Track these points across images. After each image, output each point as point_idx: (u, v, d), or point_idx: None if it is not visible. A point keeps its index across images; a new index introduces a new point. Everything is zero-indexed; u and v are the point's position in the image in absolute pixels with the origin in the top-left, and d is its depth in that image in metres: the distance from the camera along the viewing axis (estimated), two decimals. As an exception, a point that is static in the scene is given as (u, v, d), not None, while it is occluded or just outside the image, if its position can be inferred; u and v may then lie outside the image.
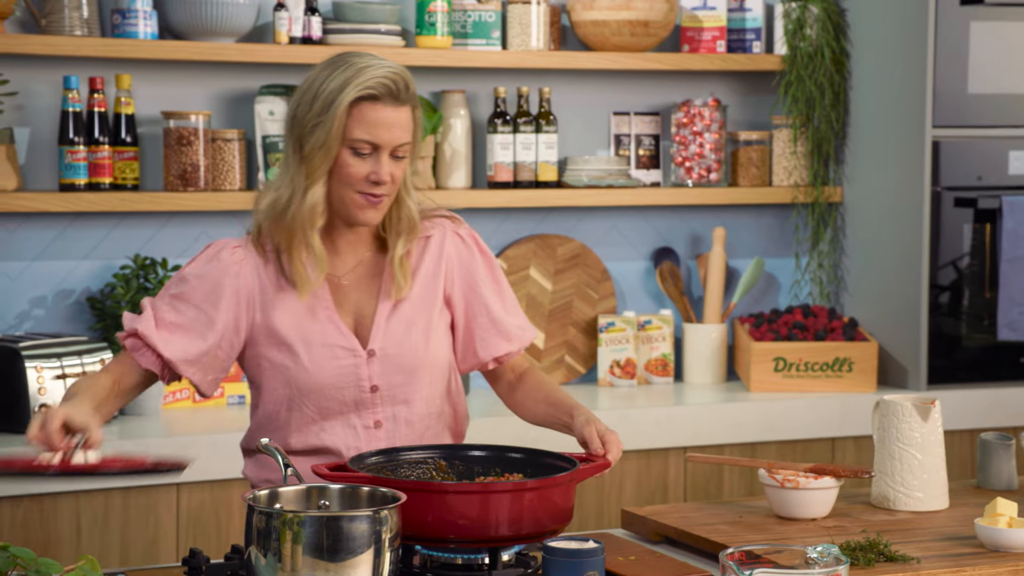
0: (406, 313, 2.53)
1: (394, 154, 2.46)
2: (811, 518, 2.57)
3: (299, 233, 2.47)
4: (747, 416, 3.95)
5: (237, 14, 3.74)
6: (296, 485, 2.15)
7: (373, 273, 2.54)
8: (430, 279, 2.56)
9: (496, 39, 4.03)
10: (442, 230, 2.60)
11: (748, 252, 4.41)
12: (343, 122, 2.42)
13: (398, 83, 2.45)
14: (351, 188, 2.45)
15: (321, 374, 2.47)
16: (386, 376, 2.50)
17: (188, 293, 2.50)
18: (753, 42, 4.30)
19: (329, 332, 2.48)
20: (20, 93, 3.69)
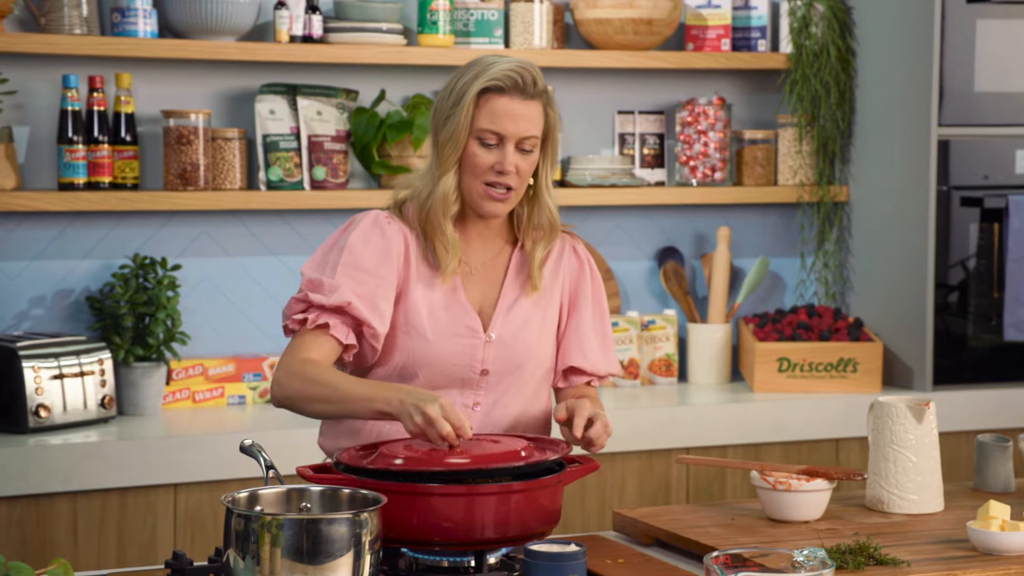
0: (525, 308, 2.60)
1: (520, 147, 2.52)
2: (803, 520, 2.55)
3: (435, 220, 2.54)
4: (751, 417, 3.92)
5: (237, 12, 3.72)
6: (277, 487, 2.13)
7: (501, 266, 2.62)
8: (548, 284, 2.64)
9: (499, 38, 4.01)
10: (562, 242, 2.68)
11: (753, 252, 4.38)
12: (470, 113, 2.51)
13: (525, 77, 2.53)
14: (478, 179, 2.52)
15: (441, 348, 2.53)
16: (498, 362, 2.57)
17: (361, 261, 2.52)
18: (758, 40, 4.27)
19: (456, 311, 2.56)
20: (19, 92, 3.69)
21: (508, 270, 2.62)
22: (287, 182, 3.85)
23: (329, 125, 3.89)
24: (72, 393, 3.50)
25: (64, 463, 3.32)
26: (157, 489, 3.41)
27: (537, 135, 2.55)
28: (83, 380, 3.52)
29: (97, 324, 3.69)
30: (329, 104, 3.90)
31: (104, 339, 3.66)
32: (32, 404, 3.44)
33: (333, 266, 2.52)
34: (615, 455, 3.79)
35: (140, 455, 3.39)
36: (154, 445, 3.41)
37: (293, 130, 3.86)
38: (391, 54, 3.88)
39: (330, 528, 1.96)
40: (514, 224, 2.64)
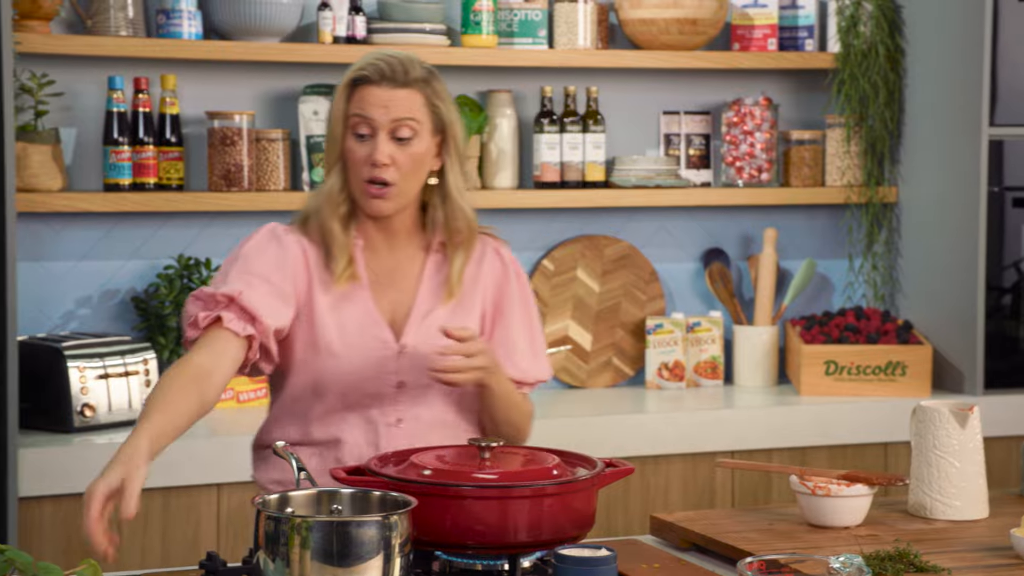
0: (441, 316, 2.51)
1: (395, 135, 2.44)
2: (843, 526, 2.51)
3: (324, 222, 2.48)
4: (797, 420, 3.88)
5: (281, 14, 3.73)
6: (308, 489, 2.13)
7: (413, 272, 2.53)
8: (467, 290, 2.55)
9: (543, 38, 4.00)
10: (484, 245, 2.59)
11: (800, 253, 4.34)
12: (342, 108, 2.46)
13: (394, 65, 2.46)
14: (357, 175, 2.46)
15: (351, 361, 2.46)
16: (414, 374, 2.48)
17: (255, 268, 2.44)
18: (806, 40, 4.23)
19: (364, 322, 2.48)
20: (66, 94, 3.71)
21: (423, 276, 2.54)
22: (331, 183, 3.85)
23: (373, 126, 3.88)
24: (117, 393, 3.52)
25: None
26: (200, 489, 3.42)
27: (413, 117, 2.45)
28: (128, 380, 3.54)
29: (142, 324, 3.71)
30: (373, 105, 3.89)
31: (149, 339, 3.68)
32: (77, 404, 3.45)
33: (227, 274, 2.44)
34: (659, 458, 3.77)
35: (183, 455, 3.39)
36: (197, 445, 3.41)
37: (337, 131, 3.86)
38: (434, 55, 3.87)
39: (360, 530, 1.95)
40: (428, 228, 2.55)
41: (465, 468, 2.23)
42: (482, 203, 3.90)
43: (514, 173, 4.03)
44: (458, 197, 2.52)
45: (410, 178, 2.47)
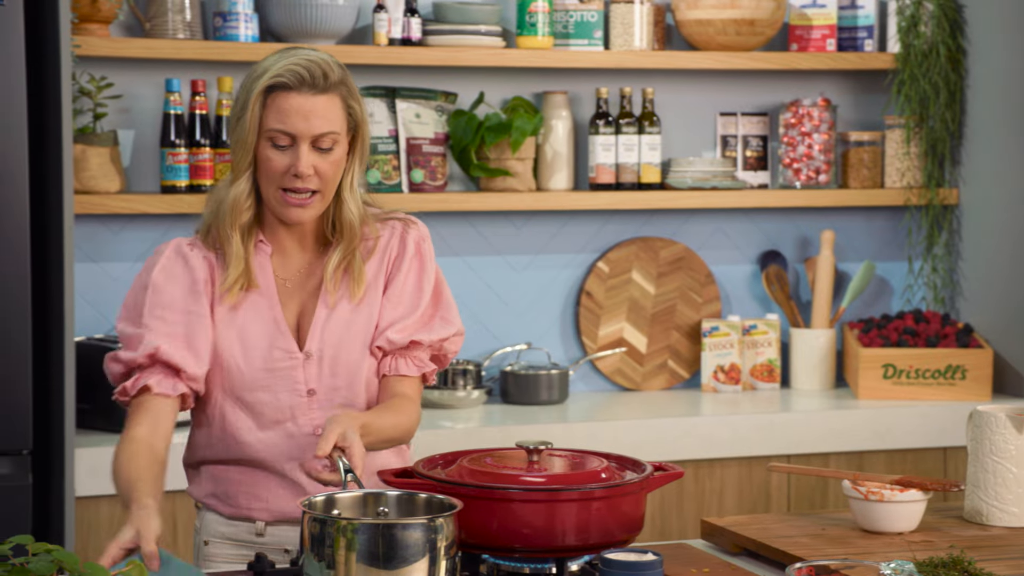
0: (345, 315, 2.41)
1: (317, 145, 2.34)
2: (897, 532, 2.48)
3: (223, 231, 2.38)
4: (854, 424, 3.84)
5: (337, 16, 3.74)
6: (354, 491, 2.13)
7: (319, 275, 2.43)
8: (371, 279, 2.43)
9: (598, 39, 3.98)
10: (391, 232, 2.47)
11: (858, 255, 4.30)
12: (257, 113, 2.33)
13: (313, 71, 2.33)
14: (274, 184, 2.35)
15: (254, 375, 2.37)
16: (323, 380, 2.39)
17: (167, 299, 2.38)
18: (865, 40, 4.19)
19: (269, 331, 2.38)
20: (124, 96, 3.74)
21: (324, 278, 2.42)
22: (385, 184, 3.85)
23: (428, 128, 3.89)
24: (172, 394, 3.53)
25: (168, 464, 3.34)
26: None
27: (334, 131, 2.34)
28: (183, 381, 3.55)
29: (198, 326, 3.72)
30: (428, 107, 3.90)
31: (204, 340, 3.69)
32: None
33: (140, 309, 2.37)
34: (713, 462, 3.74)
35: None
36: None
37: (392, 133, 3.87)
38: (490, 56, 3.86)
39: (405, 533, 1.95)
40: (329, 231, 2.43)
41: (513, 471, 2.22)
42: (536, 205, 3.92)
43: (569, 175, 4.02)
44: (348, 196, 2.41)
45: (331, 184, 2.37)
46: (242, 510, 2.45)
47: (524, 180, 3.94)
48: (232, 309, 2.39)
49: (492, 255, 4.05)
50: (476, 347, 4.02)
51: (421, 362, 2.45)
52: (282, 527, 2.44)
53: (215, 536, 2.49)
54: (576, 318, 4.11)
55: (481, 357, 4.00)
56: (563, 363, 4.07)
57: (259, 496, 2.43)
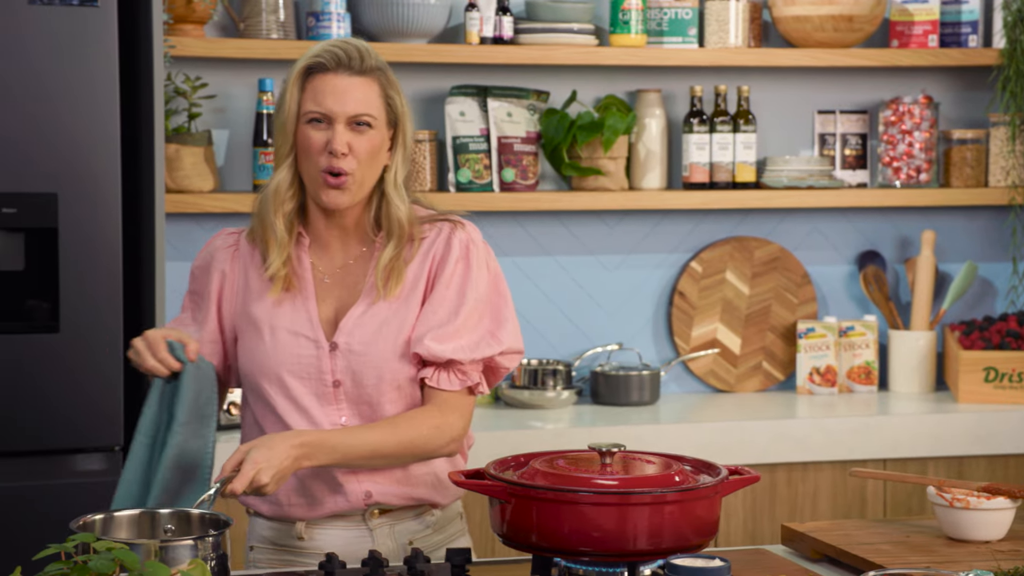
0: (381, 313, 2.41)
1: (352, 126, 2.36)
2: (983, 540, 2.41)
3: (266, 217, 2.42)
4: (953, 428, 3.76)
5: (429, 15, 3.74)
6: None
7: (359, 273, 2.44)
8: (411, 281, 2.43)
9: (693, 37, 3.94)
10: (437, 233, 2.46)
11: (960, 256, 4.21)
12: (296, 97, 2.38)
13: (350, 52, 2.37)
14: (313, 165, 2.37)
15: (281, 359, 2.39)
16: (350, 373, 2.40)
17: (197, 287, 2.52)
18: (969, 36, 4.10)
19: (298, 321, 2.41)
20: (218, 96, 3.77)
21: (367, 274, 2.43)
22: (476, 184, 3.85)
23: (519, 126, 3.87)
24: (262, 392, 3.56)
25: (252, 460, 3.37)
26: (342, 488, 3.44)
27: (370, 112, 2.37)
28: (273, 379, 3.57)
29: (289, 324, 3.74)
30: (519, 105, 3.88)
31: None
32: (224, 402, 3.50)
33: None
34: (807, 465, 3.68)
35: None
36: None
37: (483, 132, 3.86)
38: (582, 55, 3.84)
39: None
40: (375, 229, 2.45)
41: (585, 474, 2.19)
42: (629, 204, 3.89)
43: (662, 174, 3.98)
44: (392, 192, 2.42)
45: (366, 168, 2.38)
46: (282, 508, 2.45)
47: (616, 179, 3.91)
48: (266, 296, 2.43)
49: (584, 255, 4.02)
50: (567, 347, 4.00)
51: (465, 375, 2.43)
52: (320, 530, 2.44)
53: (258, 541, 2.50)
54: (668, 318, 4.07)
55: (572, 357, 3.98)
56: (655, 364, 4.03)
57: (294, 490, 2.43)
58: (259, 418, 2.46)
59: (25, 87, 3.08)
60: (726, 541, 3.63)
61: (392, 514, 2.45)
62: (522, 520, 2.15)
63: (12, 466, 3.12)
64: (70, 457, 3.17)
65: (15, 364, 3.11)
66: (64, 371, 3.13)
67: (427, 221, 2.47)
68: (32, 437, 3.12)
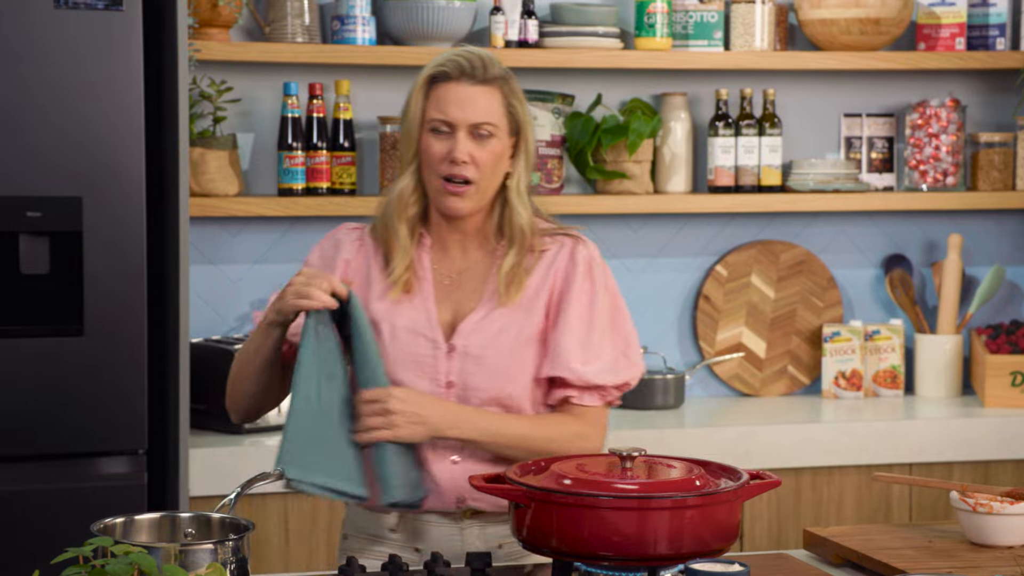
0: (500, 319, 2.44)
1: (474, 135, 2.40)
2: (1007, 545, 2.40)
3: (390, 222, 2.46)
4: (980, 433, 3.74)
5: (453, 18, 3.74)
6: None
7: (479, 278, 2.48)
8: (533, 292, 2.46)
9: (718, 40, 3.93)
10: (560, 247, 2.49)
11: (988, 260, 4.19)
12: (420, 105, 2.43)
13: (474, 62, 2.41)
14: (434, 173, 2.42)
15: (399, 356, 2.43)
16: (464, 375, 2.43)
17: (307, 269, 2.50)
18: (997, 39, 4.08)
19: (418, 320, 2.44)
20: (243, 100, 3.78)
21: (487, 279, 2.47)
22: (501, 187, 3.84)
23: (544, 130, 3.87)
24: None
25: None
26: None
27: (491, 121, 2.41)
28: (297, 382, 3.58)
29: (314, 327, 3.74)
30: (544, 109, 3.88)
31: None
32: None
33: None
34: (832, 469, 3.67)
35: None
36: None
37: (508, 135, 3.85)
38: (607, 58, 3.83)
39: None
40: (496, 236, 2.49)
41: (605, 478, 2.19)
42: (654, 207, 3.88)
43: (687, 177, 3.97)
44: (515, 200, 2.45)
45: (489, 176, 2.42)
46: None
47: (641, 183, 3.90)
48: (389, 299, 2.45)
49: (609, 258, 3.98)
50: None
51: (606, 394, 2.48)
52: (414, 524, 2.46)
53: (353, 531, 2.54)
54: (693, 322, 4.06)
55: (597, 361, 3.97)
56: (679, 368, 4.02)
57: None
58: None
59: (50, 91, 3.09)
60: (751, 546, 3.62)
61: (484, 516, 2.48)
62: (542, 524, 2.15)
63: (37, 469, 3.14)
64: (95, 460, 3.18)
65: (40, 367, 3.12)
66: (88, 374, 3.14)
67: (548, 234, 2.51)
68: (56, 440, 3.14)
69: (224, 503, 2.21)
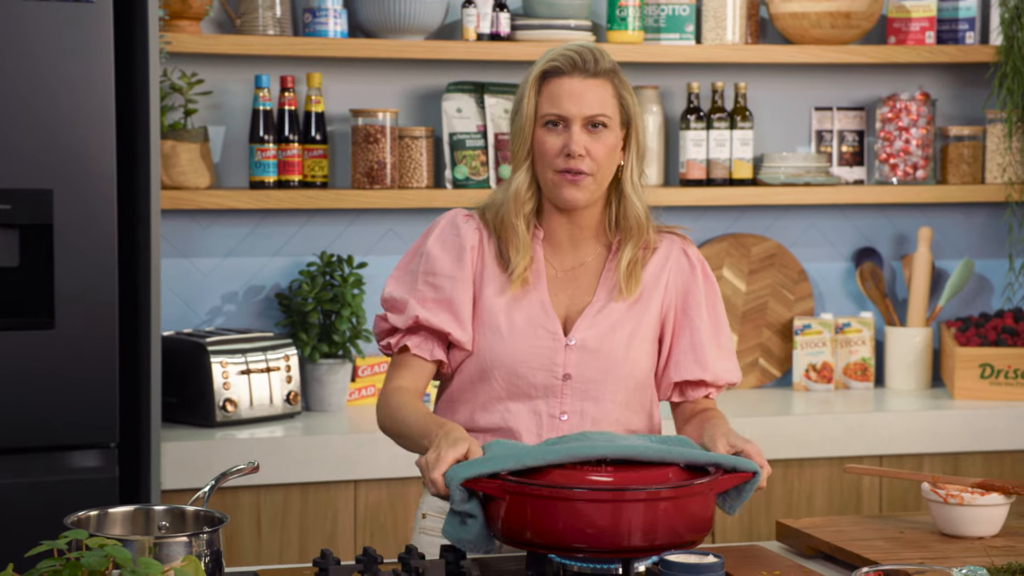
0: (616, 313, 2.47)
1: (588, 127, 2.41)
2: (977, 536, 2.42)
3: (508, 219, 2.46)
4: (949, 425, 3.76)
5: (425, 11, 3.73)
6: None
7: (593, 272, 2.50)
8: (648, 289, 2.49)
9: (690, 33, 3.94)
10: (670, 244, 2.53)
11: (957, 253, 4.21)
12: (533, 100, 2.43)
13: (585, 56, 2.42)
14: (550, 167, 2.42)
15: (517, 349, 2.43)
16: (581, 368, 2.44)
17: (436, 265, 2.48)
18: (966, 33, 4.10)
19: (535, 312, 2.45)
20: (214, 92, 3.77)
21: (602, 274, 2.49)
22: (473, 180, 3.84)
23: (516, 123, 3.86)
24: (258, 388, 3.56)
25: (249, 456, 3.37)
26: (337, 485, 3.44)
27: (605, 113, 2.42)
28: (269, 376, 3.58)
29: (285, 321, 3.74)
30: (516, 102, 3.88)
31: (292, 335, 3.71)
32: (220, 399, 3.51)
33: (414, 274, 2.49)
34: (803, 461, 3.68)
35: (323, 451, 3.42)
36: (337, 441, 3.44)
37: (480, 128, 3.86)
38: (579, 51, 3.83)
39: None
40: (608, 230, 2.51)
41: (578, 471, 2.19)
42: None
43: (659, 170, 3.98)
44: (631, 192, 2.48)
45: (604, 168, 2.43)
46: None
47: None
48: (505, 289, 2.46)
49: (580, 251, 4.02)
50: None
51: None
52: None
53: (433, 509, 2.54)
54: (665, 315, 4.07)
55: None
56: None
57: None
58: (473, 396, 2.48)
59: (20, 83, 3.08)
60: (722, 537, 3.63)
61: None
62: (517, 518, 2.15)
63: (7, 462, 3.12)
64: (66, 454, 3.16)
65: (10, 361, 3.10)
66: (59, 368, 3.13)
67: (657, 231, 2.54)
68: (27, 434, 3.12)
69: (198, 496, 2.20)
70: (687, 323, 2.51)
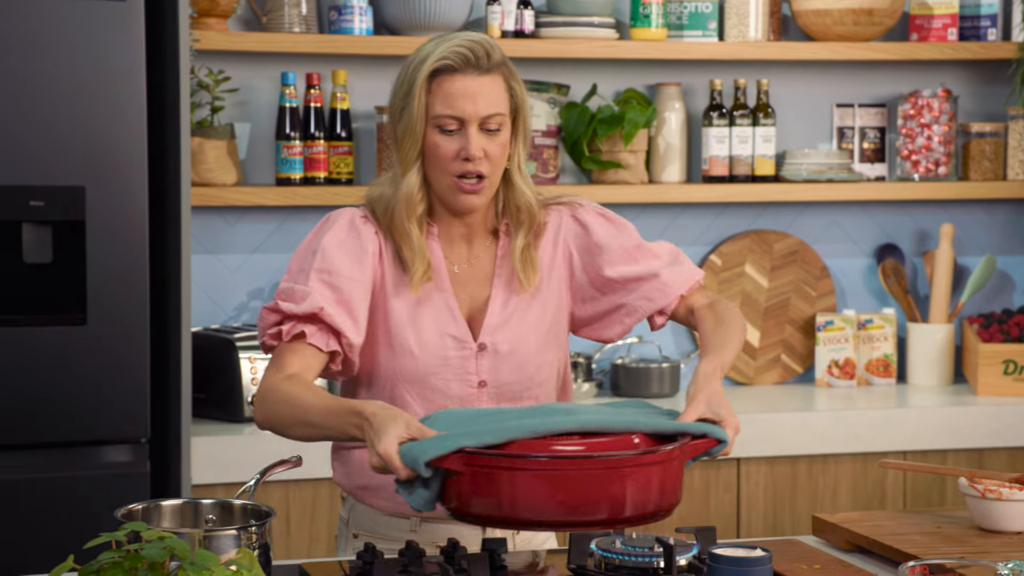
0: (521, 307, 2.37)
1: (484, 127, 2.29)
2: (1016, 531, 2.43)
3: (400, 224, 2.33)
4: (973, 421, 3.78)
5: (450, 8, 3.75)
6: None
7: (488, 261, 2.39)
8: (545, 271, 2.39)
9: (713, 30, 3.95)
10: (559, 216, 2.42)
11: (979, 249, 4.22)
12: (423, 100, 2.29)
13: (476, 51, 2.28)
14: (445, 172, 2.30)
15: (428, 361, 2.33)
16: (495, 373, 2.35)
17: (334, 264, 2.32)
18: (988, 29, 4.11)
19: (442, 319, 2.34)
20: (241, 90, 3.78)
21: (495, 265, 2.38)
22: (498, 177, 3.86)
23: (540, 120, 3.88)
24: (286, 384, 3.57)
25: (277, 452, 3.37)
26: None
27: (502, 112, 2.30)
28: (297, 371, 3.59)
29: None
30: (540, 99, 3.89)
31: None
32: (248, 394, 3.52)
33: (307, 272, 2.31)
34: (827, 457, 3.70)
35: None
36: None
37: (505, 125, 3.87)
38: (603, 48, 3.85)
39: None
40: (497, 218, 2.39)
41: (546, 441, 2.07)
42: (649, 197, 3.90)
43: (682, 167, 3.99)
44: (519, 180, 2.36)
45: (498, 168, 2.33)
46: (398, 505, 2.37)
47: (636, 172, 3.92)
48: (406, 296, 2.34)
49: (604, 248, 4.03)
50: (587, 340, 4.00)
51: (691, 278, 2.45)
52: (436, 525, 2.38)
53: (365, 531, 2.44)
54: (689, 311, 4.08)
55: (592, 350, 3.99)
56: (674, 356, 4.05)
57: None
58: None
59: (53, 81, 3.09)
60: (748, 533, 3.65)
61: None
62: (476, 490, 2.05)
63: (39, 458, 3.14)
64: (97, 449, 3.18)
65: (43, 356, 3.12)
66: (91, 363, 3.14)
67: (544, 205, 2.43)
68: (59, 429, 3.14)
69: (244, 489, 2.21)
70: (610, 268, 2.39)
